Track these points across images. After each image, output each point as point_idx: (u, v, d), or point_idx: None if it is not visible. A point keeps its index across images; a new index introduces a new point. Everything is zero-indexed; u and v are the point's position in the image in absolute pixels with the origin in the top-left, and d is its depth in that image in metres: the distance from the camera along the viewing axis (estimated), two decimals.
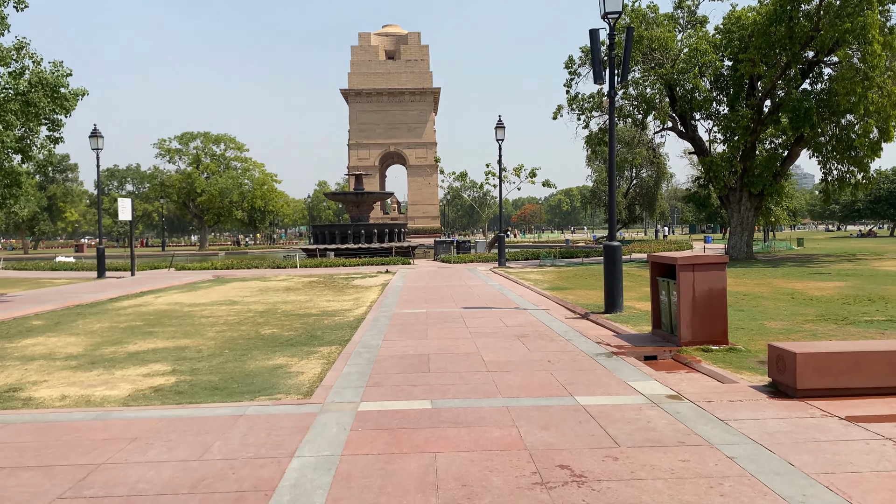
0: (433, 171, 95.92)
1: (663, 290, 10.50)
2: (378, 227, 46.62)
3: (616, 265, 14.17)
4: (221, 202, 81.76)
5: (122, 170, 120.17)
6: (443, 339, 11.03)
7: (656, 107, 34.34)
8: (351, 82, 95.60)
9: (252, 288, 23.29)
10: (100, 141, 32.03)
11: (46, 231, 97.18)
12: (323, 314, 15.24)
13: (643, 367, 8.54)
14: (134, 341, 11.89)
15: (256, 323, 13.95)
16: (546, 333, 11.42)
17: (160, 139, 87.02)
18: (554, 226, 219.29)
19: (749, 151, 34.34)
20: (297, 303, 17.92)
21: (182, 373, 8.91)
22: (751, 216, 35.69)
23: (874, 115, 29.42)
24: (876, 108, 28.49)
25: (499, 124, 33.83)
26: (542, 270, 29.71)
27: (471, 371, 8.38)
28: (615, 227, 14.66)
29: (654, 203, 66.21)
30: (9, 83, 19.29)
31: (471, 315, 14.14)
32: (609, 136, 14.51)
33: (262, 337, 12.00)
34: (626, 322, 12.78)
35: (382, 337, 11.35)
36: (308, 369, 8.90)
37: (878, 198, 74.20)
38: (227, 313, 15.89)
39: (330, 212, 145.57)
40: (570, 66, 37.34)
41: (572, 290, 19.83)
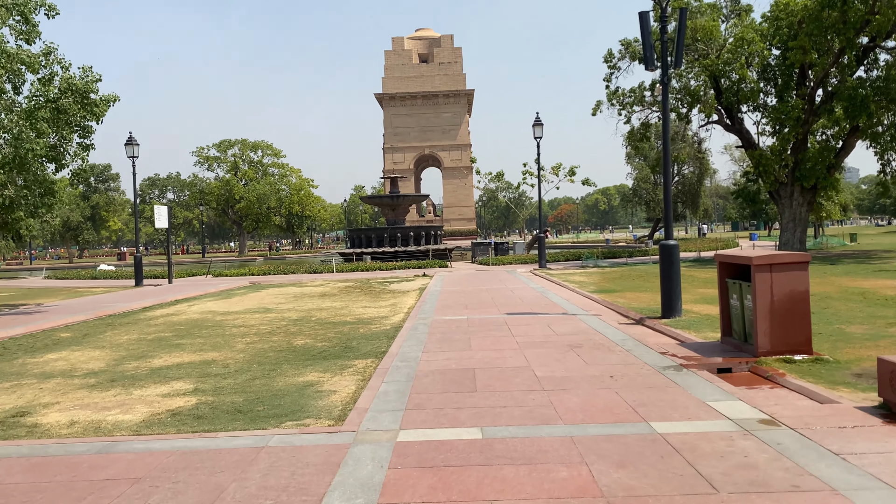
0: (468, 173, 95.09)
1: (734, 294, 9.39)
2: (414, 230, 45.86)
3: (674, 266, 13.06)
4: (259, 208, 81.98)
5: (163, 178, 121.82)
6: (488, 350, 10.08)
7: (701, 99, 32.91)
8: (385, 86, 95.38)
9: (287, 294, 22.64)
10: (136, 149, 31.82)
11: (90, 240, 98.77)
12: (358, 322, 14.41)
13: (720, 383, 7.48)
14: (159, 355, 11.19)
15: (289, 332, 13.17)
16: (602, 343, 10.39)
17: (198, 147, 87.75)
18: (591, 225, 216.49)
19: (800, 144, 32.67)
20: (332, 310, 17.14)
21: (204, 392, 8.13)
22: (803, 211, 33.96)
23: None
24: None
25: (536, 122, 32.75)
26: (585, 272, 28.55)
27: (523, 390, 7.41)
28: (671, 224, 13.56)
29: (698, 200, 64.11)
30: (39, 90, 18.93)
31: (516, 322, 13.16)
32: (663, 128, 13.43)
33: (294, 349, 11.20)
34: (687, 328, 11.67)
35: (422, 348, 10.45)
36: (341, 387, 8.04)
37: None
38: (259, 322, 15.17)
39: (366, 216, 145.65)
40: (610, 59, 36.07)
41: (621, 293, 18.71)
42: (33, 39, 19.44)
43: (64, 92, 18.70)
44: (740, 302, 9.20)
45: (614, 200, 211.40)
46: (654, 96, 35.27)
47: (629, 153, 65.25)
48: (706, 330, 11.45)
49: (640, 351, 9.55)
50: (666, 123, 13.40)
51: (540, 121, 32.68)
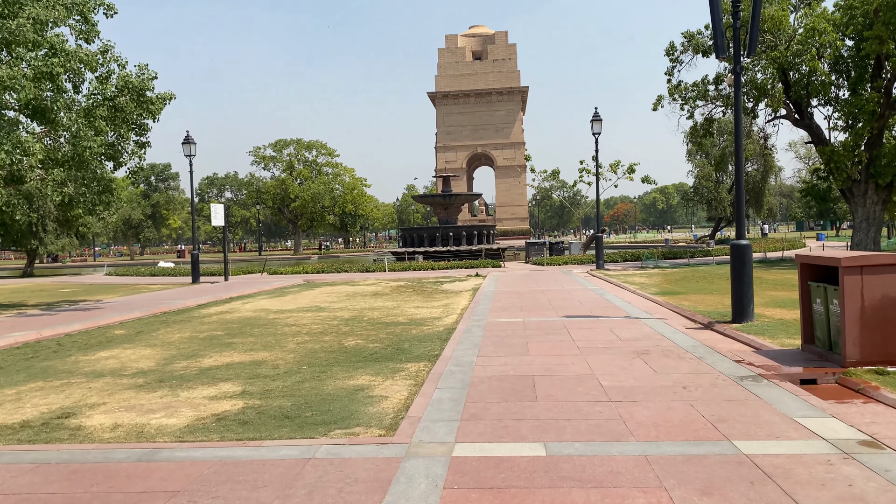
0: (521, 172, 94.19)
1: (818, 298, 8.62)
2: (466, 230, 45.41)
3: (746, 266, 12.26)
4: (314, 207, 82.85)
5: (221, 177, 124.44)
6: (547, 355, 9.53)
7: (769, 93, 31.47)
8: (438, 85, 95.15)
9: (340, 293, 22.45)
10: (192, 147, 32.22)
11: (151, 238, 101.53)
12: (411, 322, 14.02)
13: (807, 396, 6.77)
14: (210, 354, 11.00)
15: (340, 332, 12.86)
16: (670, 349, 9.72)
17: (255, 147, 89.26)
18: (649, 225, 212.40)
19: (875, 139, 30.94)
20: (383, 309, 16.81)
21: (252, 395, 7.82)
22: (878, 210, 32.19)
23: None
24: None
25: (595, 117, 31.90)
26: (645, 273, 27.61)
27: (588, 400, 6.85)
28: (744, 223, 12.73)
29: (762, 199, 61.79)
30: (97, 88, 19.16)
31: (575, 325, 12.55)
32: (735, 121, 12.62)
33: (345, 349, 10.86)
34: (761, 334, 10.88)
35: (477, 351, 9.96)
36: (393, 393, 7.62)
37: None
38: (311, 321, 14.93)
39: (418, 215, 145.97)
40: (672, 53, 34.88)
41: (685, 295, 17.85)
42: (92, 38, 19.69)
43: (121, 90, 18.88)
44: (825, 307, 8.43)
45: (673, 199, 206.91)
46: (719, 90, 33.98)
47: (690, 150, 63.39)
48: (782, 336, 10.65)
49: (712, 359, 8.85)
50: (738, 115, 12.59)
51: (598, 116, 31.82)
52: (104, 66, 18.89)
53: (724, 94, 34.02)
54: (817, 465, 4.81)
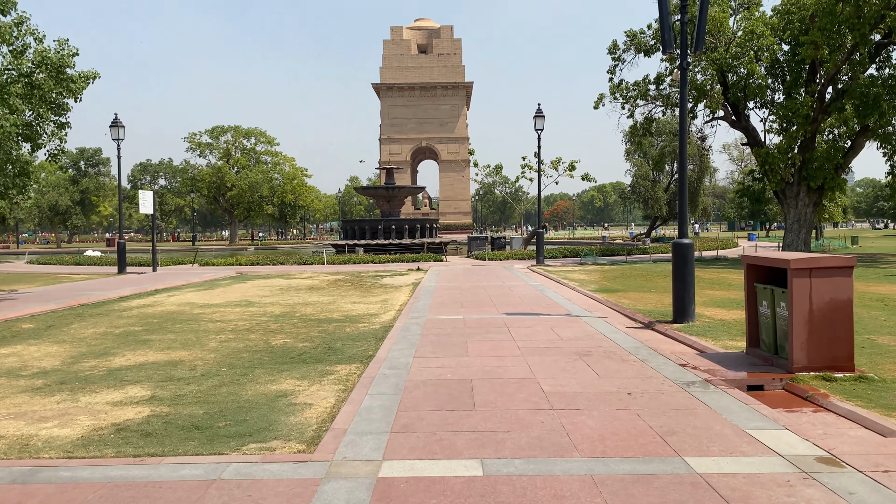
0: (465, 167, 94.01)
1: (764, 300, 8.37)
2: (409, 223, 44.78)
3: (687, 266, 12.04)
4: (251, 196, 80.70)
5: (155, 164, 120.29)
6: (487, 356, 9.04)
7: (708, 94, 31.86)
8: (383, 77, 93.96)
9: (273, 286, 21.56)
10: (121, 131, 30.60)
11: (79, 225, 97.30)
12: (346, 319, 13.35)
13: (757, 405, 6.45)
14: (123, 353, 10.12)
15: (269, 330, 12.11)
16: (612, 350, 9.35)
17: (190, 133, 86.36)
18: (587, 222, 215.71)
19: (808, 142, 31.71)
20: (318, 305, 16.08)
21: (161, 401, 7.06)
22: (809, 212, 33.05)
23: None
24: None
25: (538, 113, 31.69)
26: (584, 269, 27.55)
27: (530, 409, 6.37)
28: (686, 221, 12.53)
29: (697, 199, 63.12)
30: (11, 63, 17.76)
31: (516, 323, 12.12)
32: (680, 118, 12.40)
33: (272, 349, 10.13)
34: (702, 335, 10.67)
35: (413, 352, 9.40)
36: (318, 400, 6.99)
37: None
38: (238, 317, 14.10)
39: (361, 207, 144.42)
40: (614, 51, 34.98)
41: (624, 293, 17.71)
42: (8, 10, 18.26)
43: (38, 65, 17.54)
44: (771, 310, 8.18)
45: (610, 198, 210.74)
46: (660, 90, 34.25)
47: (629, 150, 64.29)
48: (724, 337, 10.45)
49: (656, 361, 8.52)
50: (683, 112, 12.37)
51: (541, 112, 31.63)
52: (19, 40, 17.50)
53: (665, 93, 34.33)
54: (776, 486, 4.42)
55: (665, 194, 62.40)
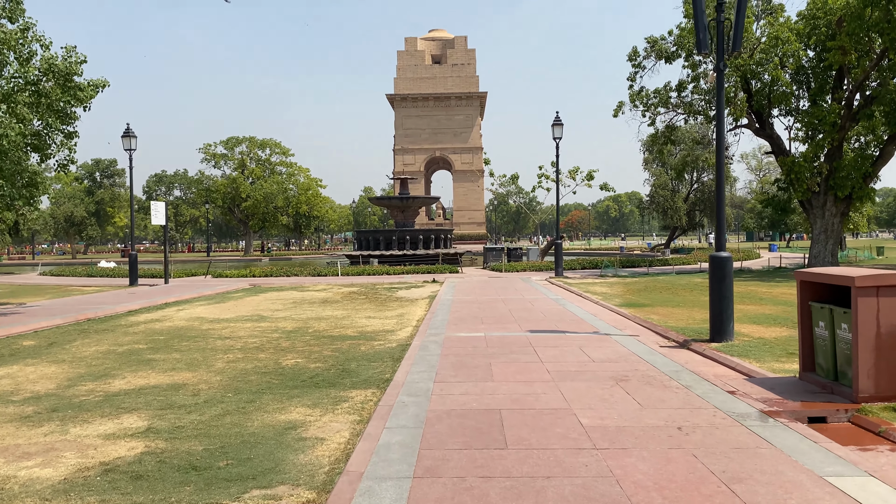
0: (479, 177, 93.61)
1: (821, 321, 7.59)
2: (423, 233, 44.15)
3: (726, 281, 11.27)
4: (266, 207, 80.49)
5: (170, 175, 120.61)
6: (513, 381, 8.30)
7: (731, 101, 31.01)
8: (397, 87, 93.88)
9: (286, 299, 20.94)
10: (133, 141, 30.22)
11: (94, 236, 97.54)
12: (360, 336, 12.67)
13: (828, 444, 5.67)
14: (123, 374, 9.48)
15: (279, 349, 11.44)
16: (651, 375, 8.59)
17: (205, 144, 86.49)
18: (602, 233, 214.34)
19: (835, 151, 30.76)
20: (332, 320, 15.41)
21: (158, 434, 6.40)
22: (836, 222, 32.05)
23: None
24: None
25: (556, 121, 31.00)
26: (605, 282, 26.74)
27: (570, 447, 5.63)
28: (724, 233, 11.76)
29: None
30: (17, 71, 17.33)
31: (542, 342, 11.38)
32: (717, 124, 11.65)
33: (282, 371, 9.46)
34: (744, 356, 9.88)
35: (433, 376, 8.68)
36: (331, 433, 6.29)
37: None
38: (249, 333, 13.46)
39: (375, 217, 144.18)
40: (634, 58, 34.24)
41: (652, 308, 16.91)
42: (17, 17, 17.86)
43: (45, 73, 17.10)
44: (830, 331, 7.40)
45: (625, 207, 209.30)
46: (681, 97, 33.47)
47: (647, 159, 63.44)
48: (768, 359, 9.66)
49: (702, 388, 7.75)
50: (721, 116, 11.62)
51: (560, 120, 30.93)
52: (25, 47, 17.06)
53: (687, 101, 33.55)
54: None
55: (685, 204, 61.42)
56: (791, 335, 11.93)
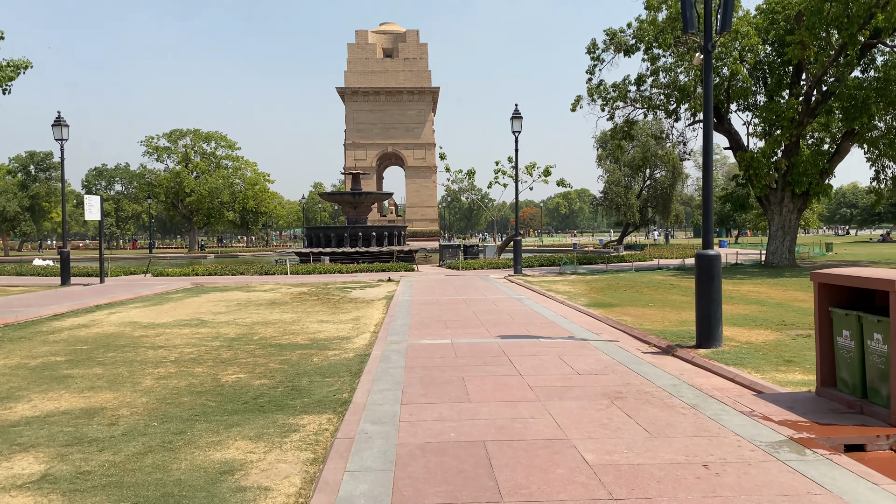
0: (432, 173, 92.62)
1: (846, 329, 6.64)
2: (377, 230, 42.78)
3: (714, 282, 10.35)
4: (211, 202, 77.72)
5: (111, 169, 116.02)
6: (494, 401, 7.16)
7: (691, 95, 30.56)
8: (348, 80, 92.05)
9: (231, 301, 19.41)
10: (64, 130, 28.03)
11: (29, 232, 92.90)
12: (312, 345, 11.36)
13: (888, 484, 4.69)
14: (31, 396, 8.00)
15: (220, 360, 10.06)
16: (647, 390, 7.55)
17: (147, 136, 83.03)
18: (553, 229, 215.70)
19: (793, 147, 30.60)
20: (280, 325, 14.04)
21: (56, 484, 5.03)
22: (793, 219, 31.97)
23: None
24: None
25: (515, 114, 30.00)
26: (566, 280, 25.87)
27: (580, 500, 4.49)
28: (711, 231, 10.84)
29: (669, 205, 62.30)
30: None
31: (516, 350, 10.27)
32: (704, 111, 10.73)
33: (221, 389, 8.12)
34: (739, 364, 8.96)
35: (400, 395, 7.47)
36: (278, 479, 5.03)
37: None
38: (186, 341, 12.01)
39: (326, 214, 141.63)
40: (593, 51, 33.54)
41: (621, 308, 16.01)
42: None
43: None
44: (857, 342, 6.46)
45: (575, 204, 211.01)
46: (640, 91, 32.89)
47: (600, 155, 63.24)
48: (766, 368, 8.76)
49: (711, 408, 6.73)
50: (708, 101, 10.69)
51: (519, 113, 29.94)
52: None
53: (646, 95, 32.98)
54: None
55: (637, 200, 61.43)
56: (778, 339, 11.13)
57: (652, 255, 40.65)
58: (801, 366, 8.94)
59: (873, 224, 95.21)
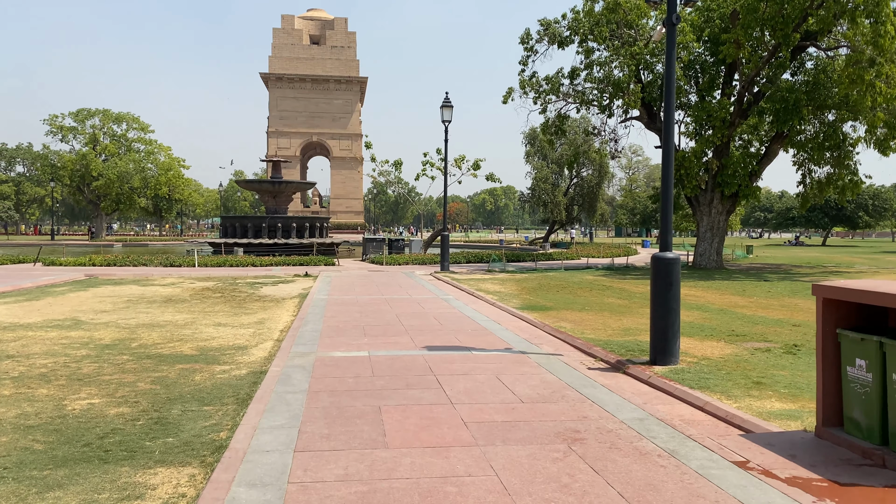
0: (359, 164, 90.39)
1: (861, 358, 5.30)
2: (297, 221, 40.45)
3: (673, 289, 9.01)
4: (121, 187, 72.96)
5: (11, 149, 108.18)
6: (419, 446, 5.50)
7: (625, 90, 29.72)
8: (272, 66, 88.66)
9: (120, 296, 17.07)
10: None
11: None
12: (199, 356, 9.42)
13: None
14: None
15: (76, 378, 8.02)
16: (610, 428, 6.05)
17: (51, 115, 77.24)
18: (479, 225, 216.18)
19: (723, 148, 30.23)
20: (168, 328, 11.98)
21: None
22: (722, 220, 31.67)
23: (881, 109, 25.72)
24: (885, 99, 24.61)
25: (445, 102, 28.42)
26: (495, 278, 24.50)
27: None
28: (670, 230, 9.48)
29: (595, 204, 62.12)
30: None
31: (445, 366, 8.65)
32: (666, 92, 9.38)
33: (60, 424, 6.15)
34: (704, 387, 7.65)
35: (295, 436, 5.71)
36: None
37: (814, 206, 73.07)
38: (46, 349, 9.85)
39: (246, 203, 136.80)
40: (527, 41, 32.30)
41: (557, 312, 14.67)
42: None
43: None
44: (876, 374, 5.14)
45: (500, 201, 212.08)
46: (574, 85, 31.88)
47: (528, 152, 62.48)
48: (736, 392, 7.47)
49: (696, 456, 5.27)
50: (671, 79, 9.34)
51: (449, 101, 28.37)
52: None
53: (580, 90, 32.00)
54: None
55: (564, 198, 60.99)
56: (736, 353, 9.94)
57: (579, 253, 39.93)
58: (773, 389, 7.69)
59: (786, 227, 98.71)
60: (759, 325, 12.98)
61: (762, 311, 15.18)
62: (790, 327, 12.80)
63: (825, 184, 31.46)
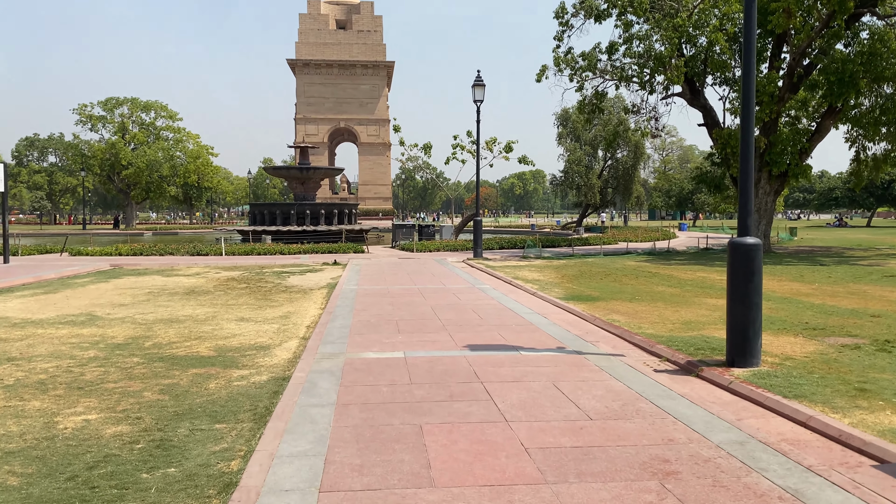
0: (386, 150, 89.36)
1: None
2: (326, 208, 39.56)
3: (754, 280, 7.79)
4: (150, 176, 72.95)
5: (44, 139, 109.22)
6: (472, 483, 4.43)
7: (667, 65, 28.13)
8: (299, 52, 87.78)
9: (141, 288, 16.28)
10: None
11: None
12: (217, 357, 8.46)
13: None
14: None
15: (76, 386, 7.10)
16: (709, 457, 4.93)
17: (80, 104, 77.42)
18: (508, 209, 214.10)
19: (772, 124, 28.53)
20: (188, 323, 11.07)
21: None
22: (770, 201, 30.00)
23: None
24: None
25: (477, 81, 27.17)
26: (531, 265, 23.33)
27: None
28: (751, 212, 8.25)
29: (631, 186, 60.32)
30: None
31: (492, 371, 7.57)
32: (745, 52, 8.12)
33: (45, 448, 5.20)
34: (799, 394, 6.46)
35: (321, 468, 4.68)
36: None
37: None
38: (52, 350, 8.98)
39: (276, 191, 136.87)
40: (562, 15, 30.82)
41: (606, 303, 13.48)
42: None
43: None
44: None
45: (529, 185, 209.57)
46: (612, 61, 30.38)
47: (560, 133, 60.88)
48: (839, 401, 6.28)
49: (831, 502, 4.14)
50: (751, 37, 8.06)
51: (481, 80, 27.12)
52: None
53: (618, 65, 30.50)
54: None
55: (598, 181, 59.33)
56: (821, 350, 8.71)
57: (615, 237, 38.52)
58: (883, 398, 6.48)
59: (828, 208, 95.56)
60: (833, 317, 11.68)
61: (831, 300, 13.83)
62: (869, 318, 11.48)
63: (881, 160, 29.60)
